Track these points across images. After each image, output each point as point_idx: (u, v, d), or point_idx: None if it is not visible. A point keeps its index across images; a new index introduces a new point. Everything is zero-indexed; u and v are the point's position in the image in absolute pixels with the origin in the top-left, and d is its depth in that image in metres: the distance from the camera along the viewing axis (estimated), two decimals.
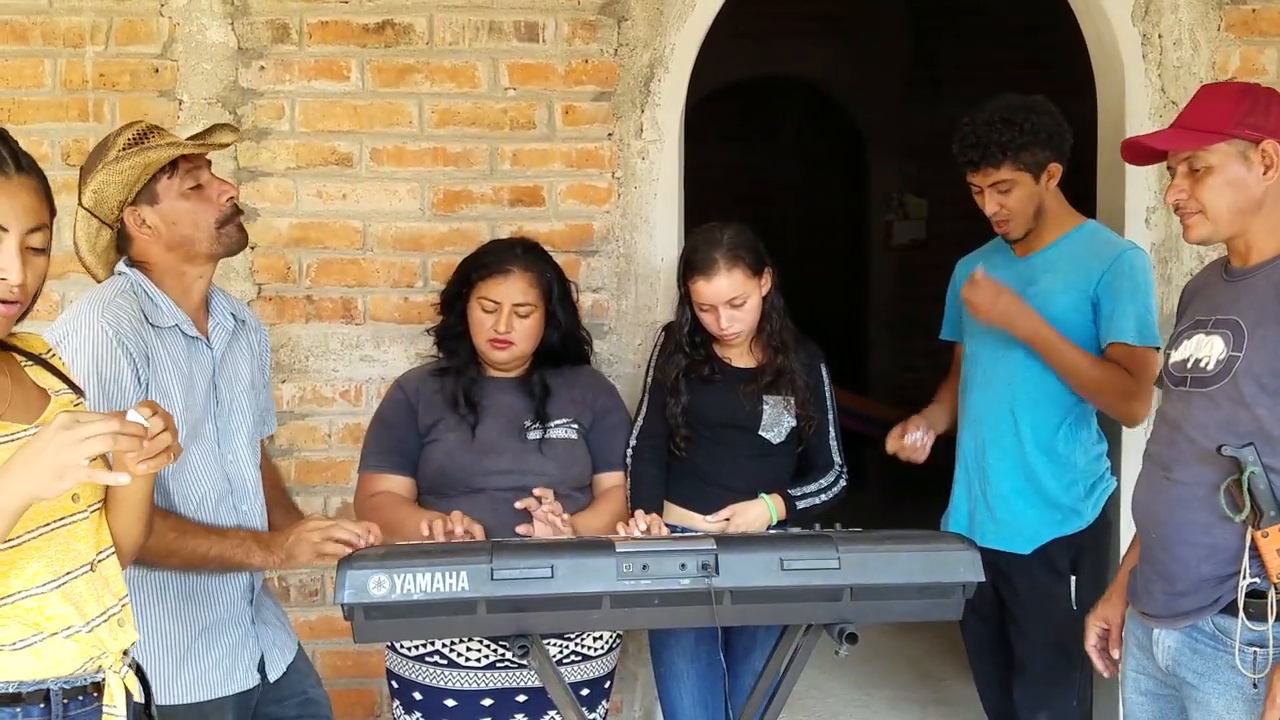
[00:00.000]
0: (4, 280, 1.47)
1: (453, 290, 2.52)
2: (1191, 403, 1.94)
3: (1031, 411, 2.60)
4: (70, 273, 3.01)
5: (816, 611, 1.91)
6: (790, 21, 6.61)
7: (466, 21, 3.12)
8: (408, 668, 2.37)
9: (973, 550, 1.89)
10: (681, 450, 2.57)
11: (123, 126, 2.04)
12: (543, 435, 2.43)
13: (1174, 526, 1.94)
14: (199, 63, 3.11)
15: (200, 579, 2.03)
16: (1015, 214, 2.59)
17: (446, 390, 2.44)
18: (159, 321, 2.00)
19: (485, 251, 2.52)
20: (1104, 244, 2.64)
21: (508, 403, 2.46)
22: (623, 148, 3.16)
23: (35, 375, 1.61)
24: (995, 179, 2.55)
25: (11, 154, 1.49)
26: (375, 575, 1.73)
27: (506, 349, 2.42)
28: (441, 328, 2.54)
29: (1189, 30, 3.13)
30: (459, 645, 2.33)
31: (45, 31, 3.09)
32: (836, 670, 4.04)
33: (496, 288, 2.41)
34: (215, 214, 2.03)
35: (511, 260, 2.44)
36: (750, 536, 2.01)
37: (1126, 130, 3.13)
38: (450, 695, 2.34)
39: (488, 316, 2.41)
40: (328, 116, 3.13)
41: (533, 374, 2.49)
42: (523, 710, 2.36)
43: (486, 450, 2.39)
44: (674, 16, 3.13)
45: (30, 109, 3.11)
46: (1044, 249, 2.66)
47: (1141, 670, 2.07)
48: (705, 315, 2.53)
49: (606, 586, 1.81)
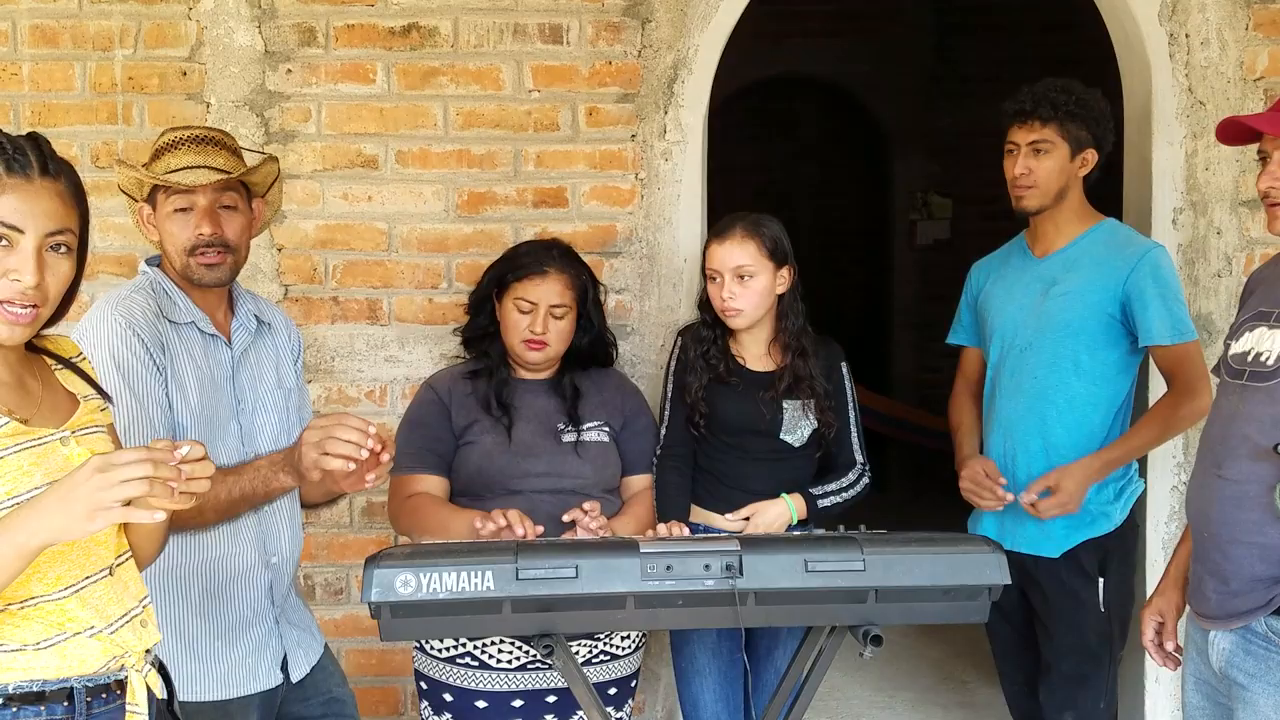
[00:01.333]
0: (17, 282, 1.47)
1: (484, 291, 2.52)
2: (1247, 398, 1.90)
3: (1061, 419, 2.59)
4: (100, 274, 3.06)
5: (841, 613, 1.91)
6: (811, 21, 6.60)
7: (491, 24, 3.14)
8: (438, 669, 2.38)
9: (999, 553, 1.88)
10: (703, 455, 2.57)
11: (179, 128, 2.09)
12: (577, 438, 2.44)
13: (1226, 525, 1.90)
14: (226, 66, 3.14)
15: (223, 578, 2.04)
16: (1041, 181, 2.59)
17: (479, 392, 2.44)
18: (176, 318, 2.03)
19: (521, 252, 2.52)
20: (1126, 243, 2.63)
21: (539, 405, 2.47)
22: (646, 149, 3.16)
23: (65, 379, 1.62)
24: (1036, 136, 2.57)
25: (39, 157, 1.50)
26: (402, 574, 1.74)
27: (541, 350, 2.42)
28: (471, 329, 2.54)
29: (1216, 29, 3.11)
30: (490, 647, 2.34)
31: (75, 35, 3.13)
32: (859, 672, 4.04)
33: (534, 288, 2.42)
34: (187, 241, 2.02)
35: (549, 261, 2.45)
36: (775, 538, 2.01)
37: (1153, 131, 3.12)
38: (481, 696, 2.35)
39: (523, 317, 2.41)
40: (353, 119, 3.15)
41: (562, 376, 2.50)
42: (552, 711, 2.37)
43: (524, 452, 2.39)
44: (698, 17, 3.13)
45: (60, 112, 3.14)
46: (1064, 248, 2.65)
47: (1199, 675, 2.04)
48: (713, 286, 2.52)
49: (631, 587, 1.81)
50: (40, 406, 1.54)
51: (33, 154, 1.50)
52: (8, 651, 1.46)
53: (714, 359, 2.55)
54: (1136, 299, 2.54)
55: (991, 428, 2.71)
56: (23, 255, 1.47)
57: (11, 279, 1.47)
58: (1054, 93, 2.57)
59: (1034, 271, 2.68)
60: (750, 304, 2.50)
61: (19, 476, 1.45)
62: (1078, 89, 2.59)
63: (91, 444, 1.57)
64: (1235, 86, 3.11)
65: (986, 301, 2.79)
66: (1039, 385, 2.61)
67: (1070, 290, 2.60)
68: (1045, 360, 2.59)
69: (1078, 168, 2.61)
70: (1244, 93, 3.11)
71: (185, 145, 2.04)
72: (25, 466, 1.46)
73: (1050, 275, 2.64)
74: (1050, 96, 2.56)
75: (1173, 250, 3.13)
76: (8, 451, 1.46)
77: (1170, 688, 3.19)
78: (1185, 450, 3.15)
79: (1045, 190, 2.60)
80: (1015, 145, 2.62)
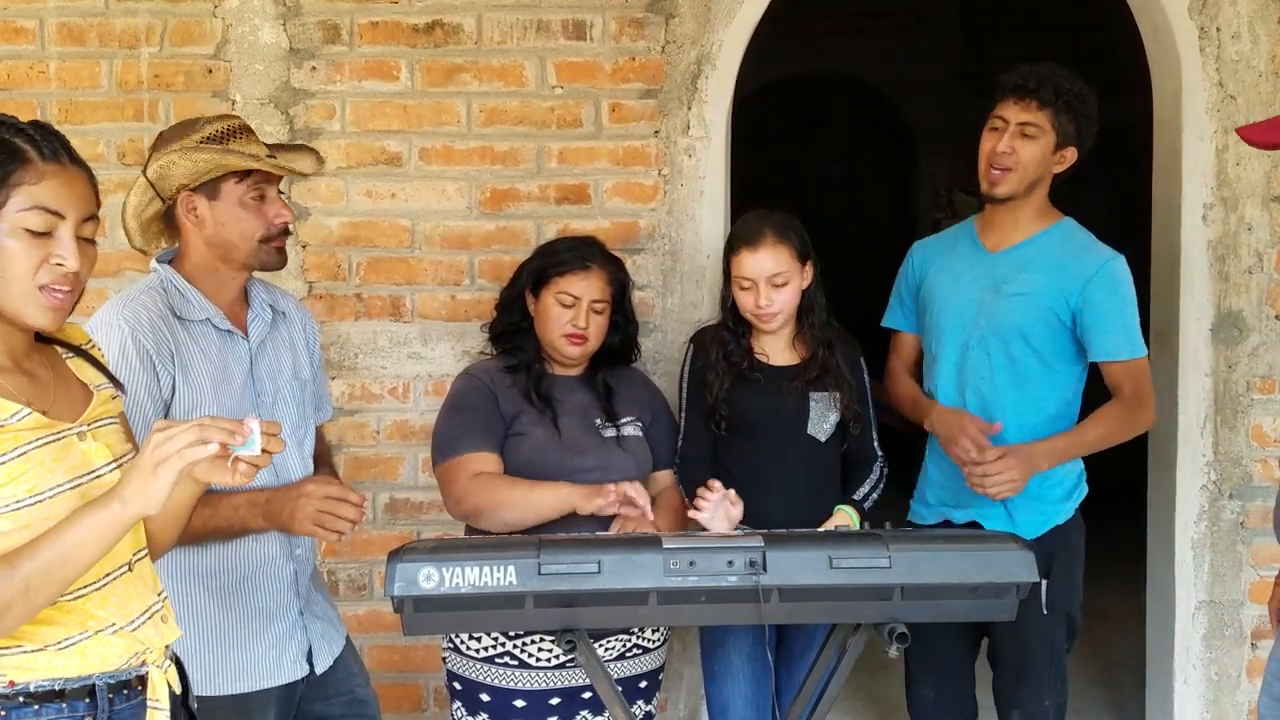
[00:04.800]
0: (60, 265, 1.48)
1: (520, 286, 2.51)
2: None
3: (1010, 422, 2.53)
4: (126, 270, 3.07)
5: (866, 610, 1.89)
6: (838, 19, 6.58)
7: (515, 21, 3.14)
8: (475, 669, 2.37)
9: (1027, 550, 1.86)
10: (725, 458, 2.54)
11: (216, 116, 2.07)
12: (617, 433, 2.45)
13: None
14: (251, 63, 3.15)
15: (247, 570, 2.04)
16: (1021, 164, 2.49)
17: (520, 385, 2.44)
18: (189, 315, 2.02)
19: (562, 248, 2.51)
20: (1084, 249, 2.55)
21: (576, 400, 2.47)
22: (669, 145, 3.15)
23: (77, 369, 1.62)
24: (1029, 118, 2.48)
25: (64, 147, 1.51)
26: (425, 568, 1.74)
27: (581, 344, 2.43)
28: (502, 323, 2.53)
29: (1248, 23, 3.07)
30: (530, 646, 2.34)
31: (101, 33, 3.15)
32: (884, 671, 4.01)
33: (577, 283, 2.42)
34: (264, 229, 2.04)
35: (592, 258, 2.46)
36: (799, 534, 1.99)
37: (1183, 126, 3.08)
38: (519, 696, 2.34)
39: (565, 311, 2.42)
40: (377, 116, 3.16)
41: (595, 373, 2.51)
42: (588, 706, 2.37)
43: (573, 447, 2.40)
44: (722, 13, 3.12)
45: (87, 109, 3.16)
46: (1019, 244, 2.58)
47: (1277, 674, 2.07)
48: (744, 294, 2.48)
49: (654, 583, 1.81)
50: (55, 398, 1.54)
51: (59, 143, 1.51)
52: (29, 652, 1.46)
53: (736, 358, 2.53)
54: (1091, 311, 2.48)
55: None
56: (64, 240, 1.48)
57: (55, 263, 1.48)
58: (1058, 78, 2.48)
59: (984, 265, 2.60)
60: (786, 307, 2.49)
61: (42, 473, 1.45)
62: (1080, 83, 2.51)
63: (107, 437, 1.57)
64: (1267, 80, 3.07)
65: (930, 290, 2.70)
66: (988, 386, 2.55)
67: (1022, 292, 2.53)
68: (994, 361, 2.54)
69: (1055, 162, 2.53)
70: (1276, 87, 3.07)
71: (244, 134, 2.03)
72: (48, 463, 1.46)
73: (1002, 272, 2.57)
74: (1054, 81, 2.47)
75: (1203, 246, 3.10)
76: (31, 446, 1.45)
77: (1199, 689, 3.16)
78: (1215, 449, 3.12)
79: (1022, 177, 2.50)
80: (1004, 121, 2.51)
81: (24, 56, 3.15)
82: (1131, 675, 3.71)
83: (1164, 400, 3.21)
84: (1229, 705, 3.16)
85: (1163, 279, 3.23)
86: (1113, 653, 4.23)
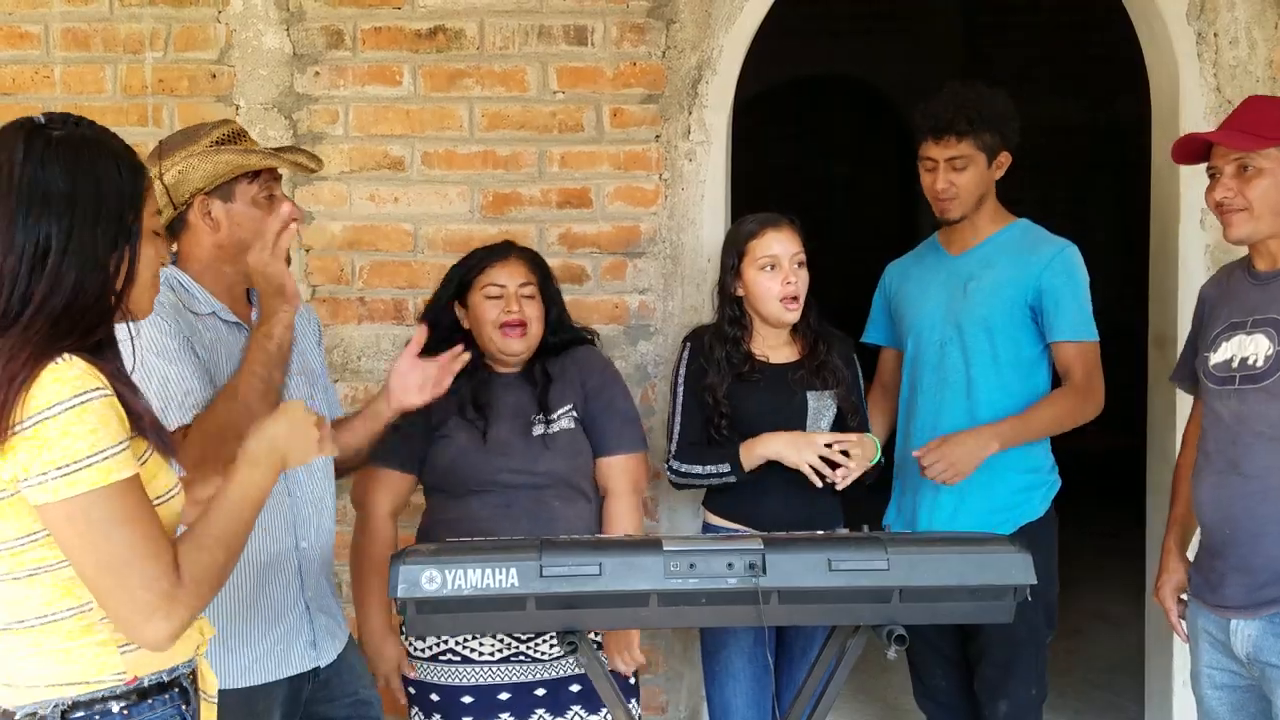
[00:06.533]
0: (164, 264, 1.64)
1: (443, 297, 2.50)
2: (1247, 399, 2.04)
3: (992, 411, 2.60)
4: None
5: (865, 613, 1.90)
6: (840, 21, 6.60)
7: (516, 26, 3.16)
8: (423, 670, 2.39)
9: (1025, 553, 1.87)
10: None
11: (218, 122, 2.10)
12: (546, 430, 2.43)
13: (1252, 520, 2.03)
14: (255, 68, 3.17)
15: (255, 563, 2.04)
16: (963, 193, 2.62)
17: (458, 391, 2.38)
18: (197, 309, 2.04)
19: (476, 252, 2.53)
20: (1040, 241, 2.68)
21: (513, 400, 2.46)
22: (670, 149, 3.17)
23: None
24: (954, 152, 2.59)
25: None
26: (427, 570, 1.75)
27: (522, 334, 2.41)
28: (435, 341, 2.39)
29: (1245, 28, 3.08)
30: (471, 640, 2.36)
31: (106, 38, 3.17)
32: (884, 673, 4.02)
33: (499, 272, 2.44)
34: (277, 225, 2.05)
35: (506, 249, 2.50)
36: (798, 537, 2.01)
37: (1181, 129, 3.09)
38: (466, 692, 2.36)
39: (496, 302, 2.41)
40: (380, 121, 3.18)
41: (534, 365, 2.48)
42: (542, 705, 2.38)
43: (496, 449, 2.40)
44: (722, 18, 3.13)
45: (91, 114, 3.02)
46: (979, 245, 2.69)
47: (1215, 664, 2.14)
48: (766, 276, 2.49)
49: (654, 585, 1.82)
50: None
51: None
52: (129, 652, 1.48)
53: (735, 358, 2.55)
54: (1049, 295, 2.59)
55: (915, 423, 2.70)
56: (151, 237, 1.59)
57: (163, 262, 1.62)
58: (965, 106, 2.58)
59: (949, 268, 2.71)
60: (805, 292, 2.53)
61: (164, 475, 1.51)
62: (984, 95, 2.62)
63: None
64: (1264, 86, 3.08)
65: (901, 301, 2.81)
66: (961, 379, 2.64)
67: (986, 285, 2.63)
68: (969, 355, 2.63)
69: (994, 172, 2.66)
70: (1273, 92, 3.08)
71: (245, 138, 2.08)
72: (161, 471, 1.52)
73: (967, 271, 2.67)
74: (963, 109, 2.57)
75: (1200, 250, 3.11)
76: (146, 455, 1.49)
77: None
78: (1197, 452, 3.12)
79: (968, 199, 2.63)
80: (933, 161, 2.63)
81: (29, 61, 3.17)
82: (1131, 676, 3.72)
83: (1163, 400, 3.23)
84: None
85: (1161, 281, 3.24)
86: (1112, 653, 4.24)
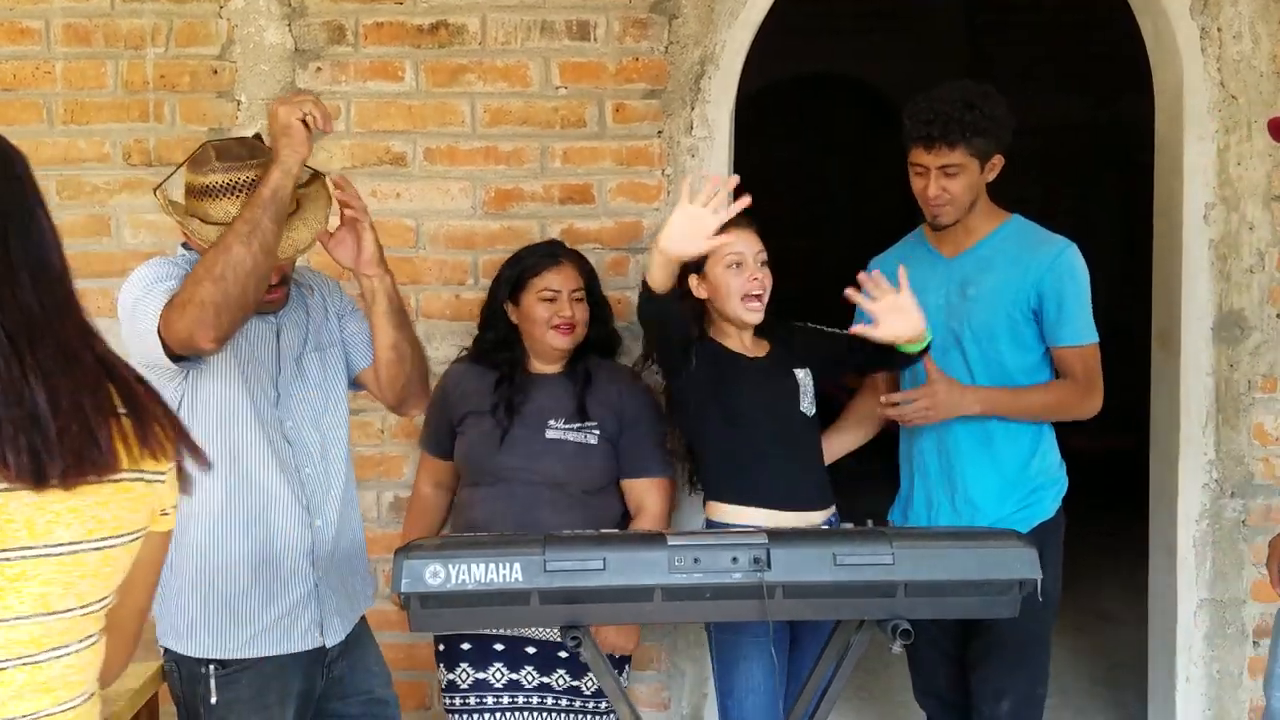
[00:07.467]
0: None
1: (499, 299, 2.65)
2: None
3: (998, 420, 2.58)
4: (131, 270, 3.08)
5: (869, 607, 1.90)
6: (842, 19, 6.58)
7: (519, 21, 3.15)
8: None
9: (1029, 548, 1.87)
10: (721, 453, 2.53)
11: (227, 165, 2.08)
12: (562, 435, 2.56)
13: None
14: (257, 64, 3.16)
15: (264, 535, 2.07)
16: (956, 199, 2.56)
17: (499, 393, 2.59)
18: None
19: (527, 253, 2.67)
20: (1039, 242, 2.62)
21: (545, 399, 2.60)
22: (672, 145, 3.16)
23: None
24: (945, 161, 2.52)
25: None
26: (431, 565, 1.75)
27: (570, 334, 2.58)
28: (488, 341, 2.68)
29: (1249, 23, 3.07)
30: None
31: (107, 33, 3.16)
32: (886, 669, 4.02)
33: (554, 277, 2.60)
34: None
35: (560, 252, 2.67)
36: (803, 532, 2.01)
37: (1185, 126, 3.09)
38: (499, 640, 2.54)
39: (550, 305, 2.57)
40: (382, 116, 3.17)
41: (575, 364, 2.63)
42: (531, 663, 2.53)
43: (506, 444, 2.55)
44: (725, 13, 3.13)
45: (93, 110, 3.17)
46: (975, 246, 2.64)
47: None
48: (732, 273, 2.45)
49: (658, 579, 1.82)
50: None
51: None
52: None
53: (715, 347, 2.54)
54: (1051, 298, 2.55)
55: (920, 431, 2.66)
56: None
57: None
58: (958, 112, 2.49)
59: (945, 271, 2.65)
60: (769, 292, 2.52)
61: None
62: (976, 99, 2.52)
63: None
64: (1269, 80, 3.07)
65: None
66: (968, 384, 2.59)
67: (986, 291, 2.59)
68: (970, 361, 2.60)
69: (987, 175, 2.60)
70: (1277, 86, 3.07)
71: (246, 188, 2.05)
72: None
73: (964, 274, 2.62)
74: (955, 116, 2.49)
75: (1204, 246, 3.11)
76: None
77: (1201, 687, 3.16)
78: (1217, 448, 3.13)
79: (962, 204, 2.57)
80: (924, 168, 2.57)
81: (30, 57, 3.16)
82: (1133, 674, 3.72)
83: (1166, 399, 3.22)
84: (1231, 704, 3.17)
85: (1164, 278, 3.24)
86: (1115, 652, 4.24)
